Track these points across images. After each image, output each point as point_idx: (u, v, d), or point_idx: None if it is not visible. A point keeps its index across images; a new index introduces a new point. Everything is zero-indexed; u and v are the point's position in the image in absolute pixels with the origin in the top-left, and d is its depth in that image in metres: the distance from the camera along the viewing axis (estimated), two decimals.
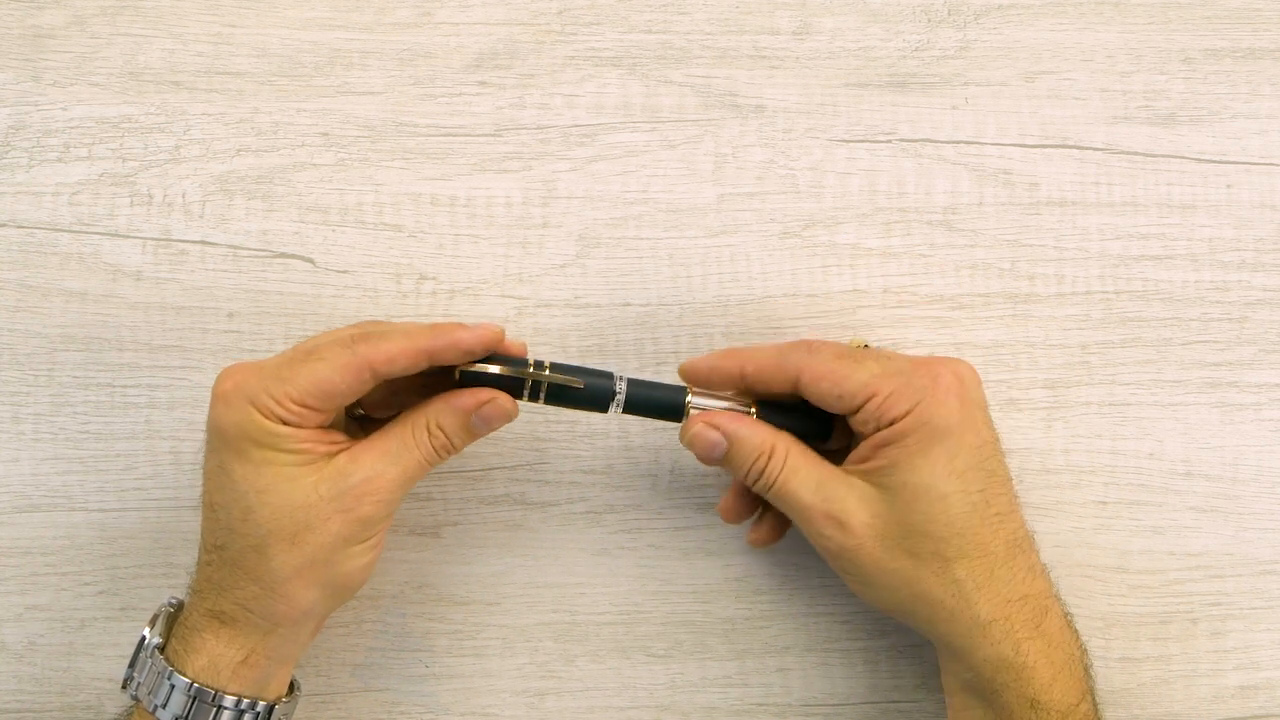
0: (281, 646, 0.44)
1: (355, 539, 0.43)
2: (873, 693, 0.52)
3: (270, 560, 0.43)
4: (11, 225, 0.52)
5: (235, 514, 0.43)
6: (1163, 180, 0.53)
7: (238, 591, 0.43)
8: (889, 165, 0.53)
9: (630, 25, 0.54)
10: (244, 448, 0.43)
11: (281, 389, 0.42)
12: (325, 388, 0.42)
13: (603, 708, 0.51)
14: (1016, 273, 0.53)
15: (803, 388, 0.45)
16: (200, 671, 0.43)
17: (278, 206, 0.53)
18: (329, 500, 0.43)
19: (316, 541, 0.43)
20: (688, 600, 0.52)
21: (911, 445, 0.43)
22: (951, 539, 0.43)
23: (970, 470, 0.44)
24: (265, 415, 0.42)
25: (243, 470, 0.43)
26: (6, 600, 0.51)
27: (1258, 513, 0.52)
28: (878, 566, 0.44)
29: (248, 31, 0.53)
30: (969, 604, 0.43)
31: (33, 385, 0.52)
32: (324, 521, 0.43)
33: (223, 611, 0.43)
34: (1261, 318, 0.53)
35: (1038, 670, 0.43)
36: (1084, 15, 0.54)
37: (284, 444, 0.43)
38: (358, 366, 0.42)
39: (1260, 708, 0.51)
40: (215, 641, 0.43)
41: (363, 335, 0.43)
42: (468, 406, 0.44)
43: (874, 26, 0.54)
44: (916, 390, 0.44)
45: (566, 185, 0.53)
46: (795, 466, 0.45)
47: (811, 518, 0.45)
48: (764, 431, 0.46)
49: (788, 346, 0.46)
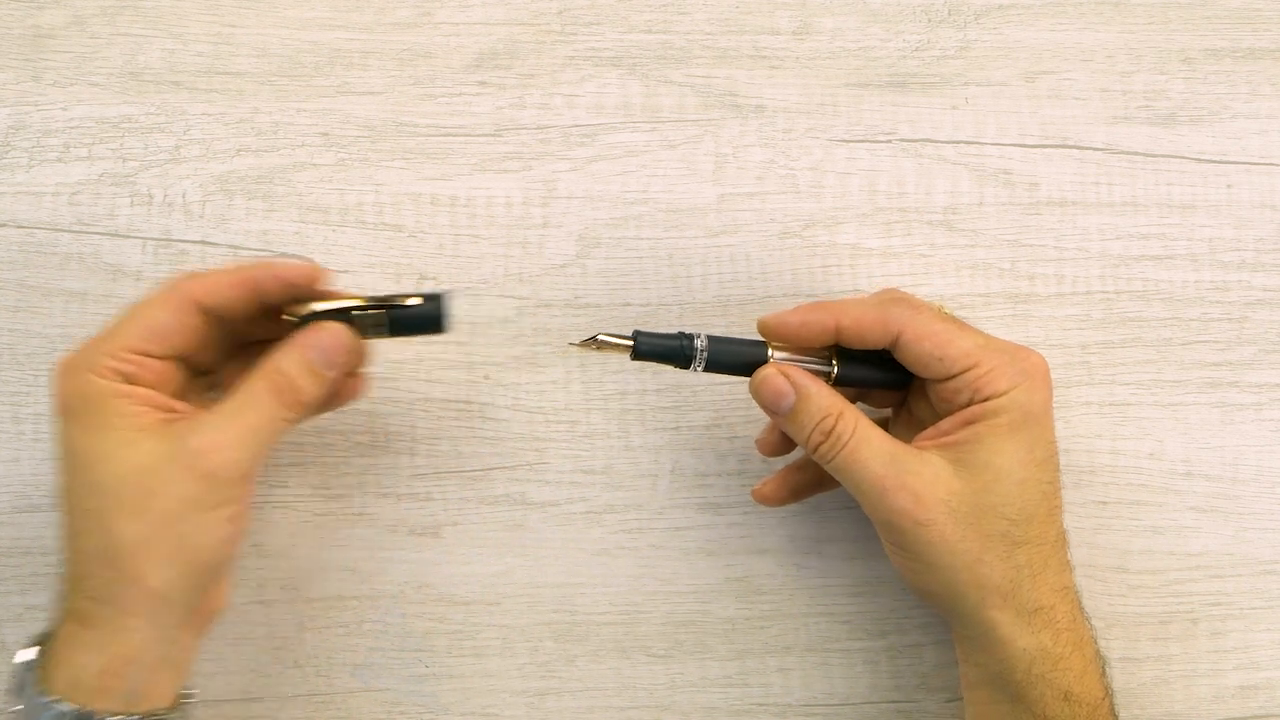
0: (145, 647, 0.41)
1: (203, 502, 0.40)
2: (873, 693, 0.52)
3: (113, 535, 0.40)
4: (11, 225, 0.53)
5: (80, 491, 0.41)
6: (1163, 180, 0.53)
7: (89, 582, 0.40)
8: (889, 165, 0.53)
9: (630, 25, 0.54)
10: (83, 416, 0.41)
11: (114, 343, 0.41)
12: (154, 327, 0.42)
13: (603, 708, 0.51)
14: (1016, 273, 0.53)
15: (902, 345, 0.44)
16: (65, 687, 0.40)
17: (278, 206, 0.53)
18: (170, 459, 0.40)
19: (160, 507, 0.40)
20: (688, 600, 0.52)
21: (1002, 426, 0.43)
22: (1021, 523, 0.43)
23: (1046, 461, 0.44)
24: (103, 375, 0.41)
25: (84, 440, 0.41)
26: (6, 600, 0.51)
27: (1258, 513, 0.52)
28: (945, 544, 0.43)
29: (248, 31, 0.53)
30: (1023, 590, 0.43)
31: (33, 385, 0.52)
32: (165, 484, 0.40)
33: (77, 610, 0.41)
34: (1261, 318, 0.53)
35: (1072, 662, 0.44)
36: (1084, 15, 0.54)
37: (122, 407, 0.41)
38: (180, 300, 0.42)
39: (1260, 708, 0.51)
40: (76, 649, 0.40)
41: (186, 274, 0.43)
42: (303, 341, 0.43)
43: (874, 26, 0.54)
44: (1018, 373, 0.44)
45: (566, 185, 0.53)
46: (867, 435, 0.44)
47: (885, 489, 0.43)
48: (836, 396, 0.45)
49: (888, 301, 0.45)
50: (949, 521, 0.43)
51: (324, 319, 0.43)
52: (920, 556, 0.44)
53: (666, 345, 0.45)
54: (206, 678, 0.51)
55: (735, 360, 0.45)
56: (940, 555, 0.43)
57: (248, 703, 0.51)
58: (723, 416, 0.52)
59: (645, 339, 0.45)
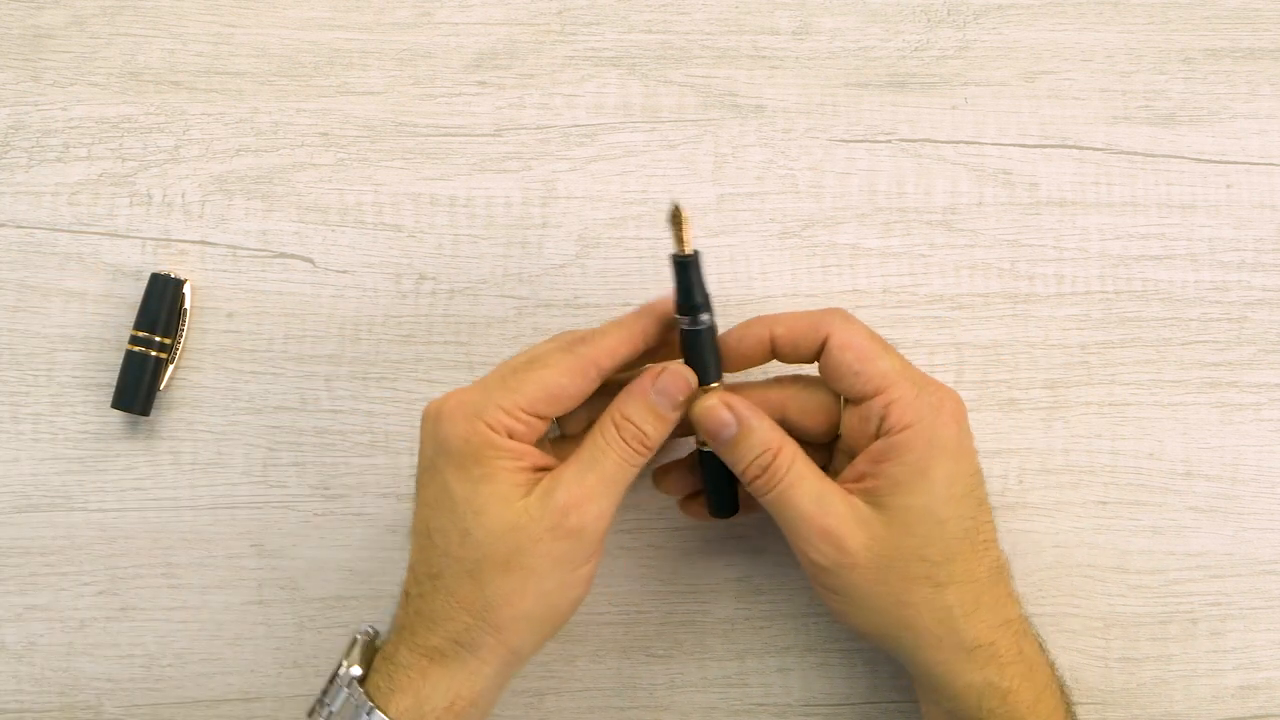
0: (486, 694, 0.43)
1: (567, 559, 0.42)
2: (873, 693, 0.52)
3: (484, 587, 0.41)
4: (11, 225, 0.53)
5: (453, 538, 0.42)
6: (1163, 180, 0.53)
7: (449, 624, 0.42)
8: (889, 165, 0.53)
9: (630, 25, 0.54)
10: (466, 465, 0.42)
11: (510, 399, 0.42)
12: (553, 391, 0.43)
13: (603, 708, 0.51)
14: (1016, 273, 0.53)
15: (828, 351, 0.44)
16: (403, 713, 0.41)
17: (277, 206, 0.53)
18: (538, 519, 0.41)
19: (529, 565, 0.41)
20: (688, 600, 0.52)
21: (912, 464, 0.43)
22: (944, 564, 0.43)
23: (965, 497, 0.44)
24: (493, 428, 0.42)
25: (463, 490, 0.42)
26: (6, 600, 0.51)
27: (1258, 513, 0.52)
28: (869, 588, 0.43)
29: (248, 31, 0.53)
30: (956, 630, 0.43)
31: (33, 385, 0.52)
32: (535, 542, 0.41)
33: (433, 648, 0.42)
34: (1261, 318, 0.53)
35: (1021, 694, 0.43)
36: (1084, 15, 0.54)
37: (503, 462, 0.42)
38: (583, 366, 0.43)
39: (1260, 708, 0.51)
40: (423, 682, 0.42)
41: (577, 338, 0.44)
42: (644, 386, 0.43)
43: (874, 26, 0.54)
44: (925, 406, 0.43)
45: (566, 185, 0.53)
46: (802, 473, 0.44)
47: (810, 530, 0.43)
48: (778, 430, 0.45)
49: (822, 310, 0.45)
50: (871, 565, 0.43)
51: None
52: (847, 599, 0.44)
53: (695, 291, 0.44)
54: (207, 677, 0.51)
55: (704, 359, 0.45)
56: (865, 598, 0.43)
57: (247, 703, 0.51)
58: None
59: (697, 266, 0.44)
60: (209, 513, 0.52)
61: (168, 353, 0.51)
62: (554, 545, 0.42)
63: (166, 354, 0.51)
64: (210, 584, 0.51)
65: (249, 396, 0.52)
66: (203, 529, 0.52)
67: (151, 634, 0.51)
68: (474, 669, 0.42)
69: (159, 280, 0.51)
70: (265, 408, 0.52)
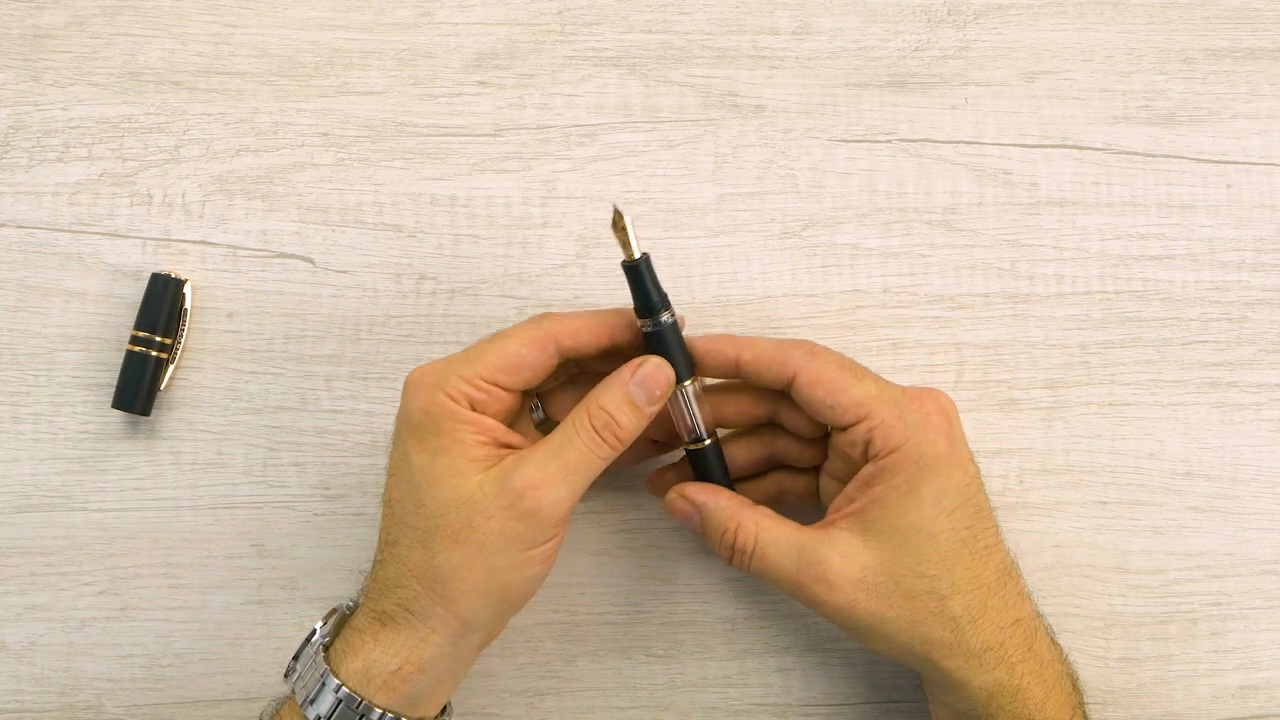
0: (437, 661, 0.43)
1: (520, 540, 0.42)
2: (873, 693, 0.52)
3: (434, 557, 0.42)
4: (11, 225, 0.53)
5: (409, 506, 0.43)
6: (1163, 180, 0.53)
7: (401, 591, 0.43)
8: (889, 165, 0.53)
9: (630, 25, 0.54)
10: (424, 435, 0.43)
11: (470, 368, 0.43)
12: (512, 360, 0.43)
13: (603, 708, 0.51)
14: (1016, 273, 0.53)
15: (796, 390, 0.45)
16: (353, 675, 0.42)
17: (278, 206, 0.53)
18: (492, 496, 0.42)
19: (478, 540, 0.42)
20: (688, 600, 0.52)
21: (900, 485, 0.43)
22: (943, 575, 0.43)
23: (958, 509, 0.44)
24: (453, 398, 0.42)
25: (420, 459, 0.43)
26: (6, 600, 0.51)
27: (1258, 513, 0.52)
28: (874, 617, 0.43)
29: (248, 31, 0.53)
30: (965, 637, 0.43)
31: (33, 385, 0.52)
32: (486, 519, 0.42)
33: (384, 612, 0.43)
34: (1261, 318, 0.53)
35: (1031, 690, 0.44)
36: (1084, 15, 0.54)
37: (463, 434, 0.42)
38: (543, 339, 0.43)
39: (1260, 708, 0.51)
40: (373, 645, 0.42)
41: (547, 314, 0.45)
42: (623, 376, 0.43)
43: (874, 26, 0.54)
44: (908, 425, 0.43)
45: (566, 185, 0.53)
46: (770, 539, 0.44)
47: (800, 584, 0.44)
48: (734, 505, 0.45)
49: (790, 343, 0.45)
50: (870, 598, 0.43)
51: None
52: (863, 631, 0.44)
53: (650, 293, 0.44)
54: (207, 677, 0.51)
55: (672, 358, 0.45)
56: (873, 627, 0.44)
57: (247, 703, 0.51)
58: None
59: (648, 268, 0.44)
60: (209, 513, 0.52)
61: (168, 353, 0.51)
62: (506, 524, 0.42)
63: (167, 354, 0.51)
64: (210, 584, 0.51)
65: (249, 396, 0.52)
66: (203, 529, 0.52)
67: (152, 634, 0.51)
68: (423, 635, 0.42)
69: (159, 280, 0.51)
70: (265, 408, 0.52)
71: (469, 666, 0.45)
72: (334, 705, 0.42)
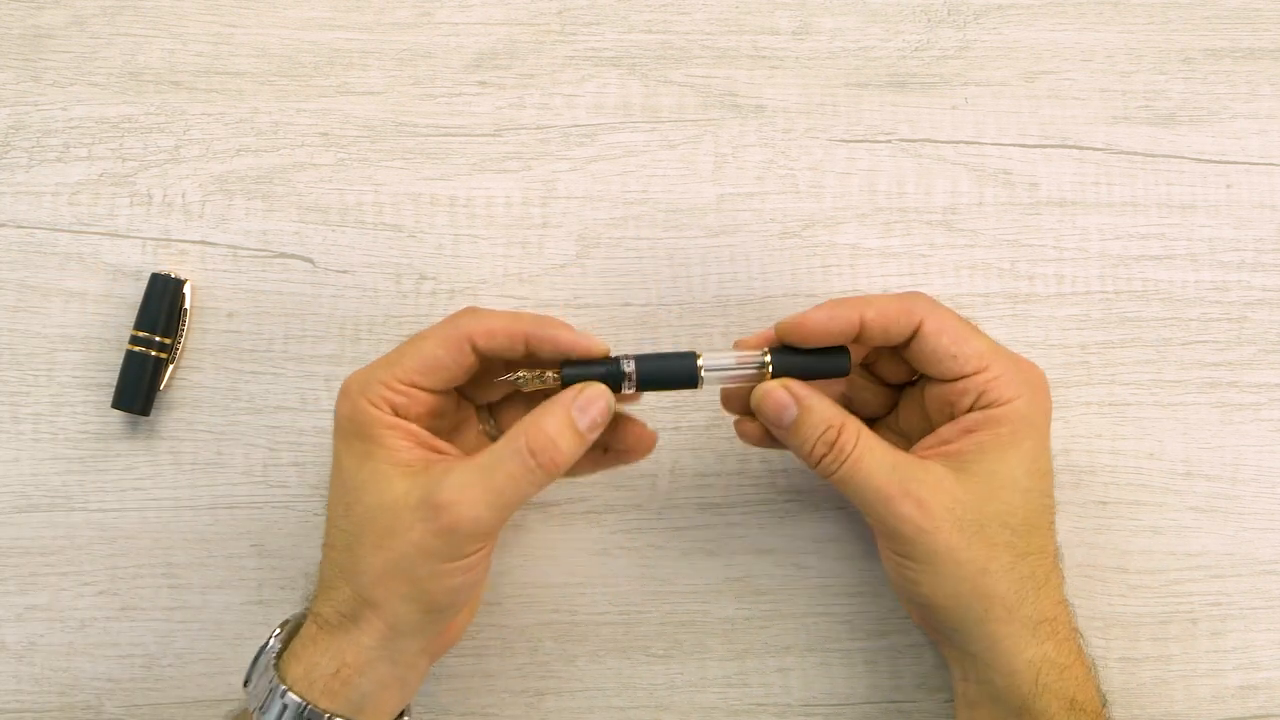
0: (374, 665, 0.42)
1: (439, 554, 0.41)
2: (873, 693, 0.52)
3: (359, 560, 0.42)
4: (11, 225, 0.53)
5: (340, 509, 0.43)
6: (1163, 180, 0.53)
7: (334, 593, 0.43)
8: (889, 165, 0.53)
9: (630, 25, 0.54)
10: (351, 440, 0.43)
11: (389, 372, 0.43)
12: (429, 362, 0.43)
13: (603, 708, 0.51)
14: (1016, 273, 0.53)
15: (921, 337, 0.44)
16: (297, 680, 0.42)
17: (278, 206, 0.53)
18: (413, 508, 0.41)
19: (399, 549, 0.41)
20: (688, 600, 0.52)
21: (1005, 435, 0.43)
22: (1025, 533, 0.43)
23: (1047, 473, 0.44)
24: (375, 404, 0.43)
25: (349, 463, 0.43)
26: (6, 600, 0.51)
27: (1258, 513, 0.52)
28: (950, 553, 0.43)
29: (248, 31, 0.53)
30: (1029, 601, 0.43)
31: (33, 385, 0.52)
32: (406, 529, 0.41)
33: (321, 615, 0.43)
34: (1261, 318, 0.53)
35: (1075, 670, 0.44)
36: (1084, 15, 0.54)
37: (387, 439, 0.42)
38: (458, 338, 0.43)
39: (1260, 708, 0.51)
40: (314, 649, 0.42)
41: (468, 311, 0.44)
42: (565, 399, 0.43)
43: (874, 26, 0.54)
44: (1023, 382, 0.44)
45: (566, 185, 0.53)
46: (870, 446, 0.43)
47: (890, 496, 0.43)
48: (838, 407, 0.44)
49: (910, 294, 0.45)
50: (954, 530, 0.43)
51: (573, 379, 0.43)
52: (926, 566, 0.43)
53: (593, 372, 0.44)
54: (207, 677, 0.51)
55: (667, 374, 0.44)
56: (945, 564, 0.43)
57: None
58: (722, 417, 0.52)
59: (571, 369, 0.43)
60: (209, 513, 0.52)
61: (168, 353, 0.51)
62: (424, 538, 0.41)
63: (167, 354, 0.51)
64: (210, 584, 0.51)
65: (249, 396, 0.52)
66: (203, 529, 0.52)
67: (152, 634, 0.51)
68: (355, 638, 0.42)
69: (159, 280, 0.51)
70: (265, 408, 0.52)
71: (418, 673, 0.44)
72: (280, 711, 0.42)
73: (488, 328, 0.43)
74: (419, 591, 0.42)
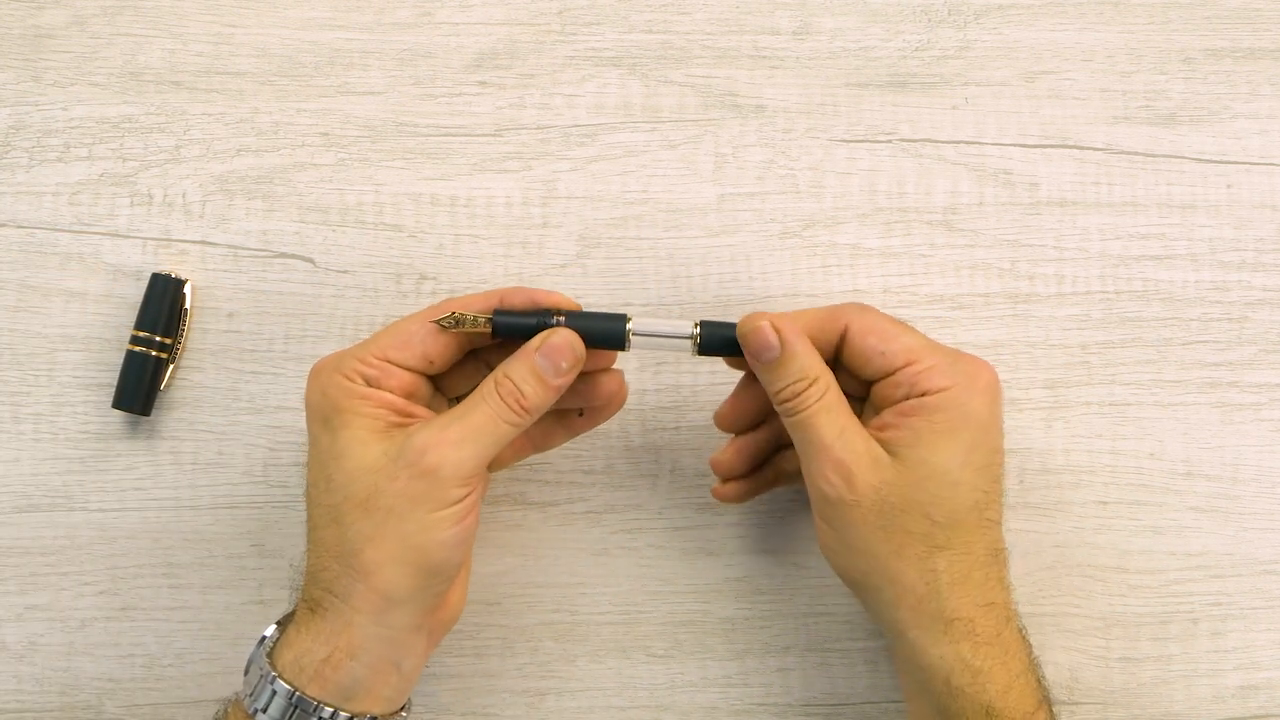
0: (367, 645, 0.42)
1: (424, 500, 0.42)
2: (873, 693, 0.52)
3: (345, 530, 0.42)
4: (11, 225, 0.53)
5: (320, 486, 0.43)
6: (1163, 180, 0.53)
7: (322, 574, 0.43)
8: (889, 165, 0.53)
9: (630, 25, 0.54)
10: (326, 416, 0.43)
11: (364, 349, 0.44)
12: (403, 336, 0.44)
13: (603, 708, 0.51)
14: (1016, 273, 0.53)
15: (849, 340, 0.45)
16: (287, 667, 0.42)
17: (278, 206, 0.53)
18: (395, 459, 0.42)
19: (386, 505, 0.42)
20: (688, 600, 0.52)
21: (939, 424, 0.43)
22: (945, 527, 0.43)
23: (985, 469, 0.44)
24: (348, 376, 0.43)
25: (325, 439, 0.43)
26: (6, 600, 0.51)
27: (1258, 513, 0.52)
28: (867, 532, 0.43)
29: (248, 31, 0.53)
30: (938, 597, 0.43)
31: (33, 385, 0.52)
32: (391, 480, 0.42)
33: (312, 600, 0.43)
34: (1261, 318, 0.53)
35: (994, 676, 0.43)
36: (1084, 15, 0.54)
37: (360, 408, 0.43)
38: (431, 312, 0.44)
39: (1260, 708, 0.51)
40: (304, 635, 0.42)
41: (447, 299, 0.45)
42: (529, 347, 0.44)
43: (874, 26, 0.54)
44: (957, 373, 0.44)
45: (566, 185, 0.53)
46: (830, 404, 0.44)
47: (824, 460, 0.43)
48: (820, 362, 0.45)
49: (841, 304, 0.46)
50: (875, 509, 0.43)
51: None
52: (842, 538, 0.44)
53: (524, 323, 0.44)
54: (207, 677, 0.51)
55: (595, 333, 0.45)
56: (860, 539, 0.43)
57: None
58: None
59: (502, 317, 0.44)
60: (209, 513, 0.52)
61: (168, 353, 0.51)
62: (410, 484, 0.42)
63: (167, 354, 0.51)
64: (211, 584, 0.51)
65: (249, 396, 0.52)
66: (203, 529, 0.52)
67: (152, 634, 0.51)
68: (348, 618, 0.42)
69: (159, 280, 0.51)
70: (266, 407, 0.52)
71: (414, 657, 0.44)
72: (270, 698, 0.42)
73: (461, 302, 0.44)
74: (409, 549, 0.42)
